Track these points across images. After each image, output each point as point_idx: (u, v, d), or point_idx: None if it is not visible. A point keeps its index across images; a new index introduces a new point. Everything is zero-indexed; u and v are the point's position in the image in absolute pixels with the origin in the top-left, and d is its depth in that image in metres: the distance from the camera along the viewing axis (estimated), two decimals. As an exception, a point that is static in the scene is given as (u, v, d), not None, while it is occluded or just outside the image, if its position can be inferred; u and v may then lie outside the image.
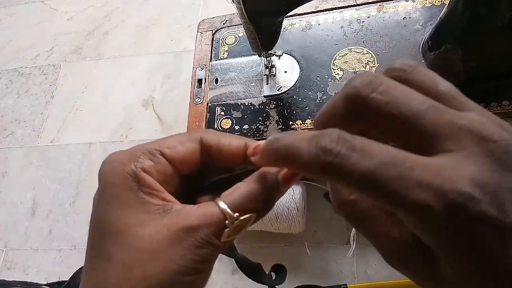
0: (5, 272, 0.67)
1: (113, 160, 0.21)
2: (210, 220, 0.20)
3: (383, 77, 0.17)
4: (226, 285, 0.57)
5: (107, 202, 0.20)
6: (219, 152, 0.23)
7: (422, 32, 0.54)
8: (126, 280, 0.19)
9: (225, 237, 0.20)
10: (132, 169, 0.20)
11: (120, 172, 0.20)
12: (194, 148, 0.22)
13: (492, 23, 0.43)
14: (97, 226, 0.21)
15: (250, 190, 0.21)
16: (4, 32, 0.99)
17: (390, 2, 0.58)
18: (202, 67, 0.61)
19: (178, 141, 0.22)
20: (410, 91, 0.16)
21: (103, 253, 0.20)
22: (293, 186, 0.52)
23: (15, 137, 0.82)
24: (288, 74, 0.57)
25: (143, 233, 0.20)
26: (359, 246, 0.55)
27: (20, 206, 0.73)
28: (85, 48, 0.90)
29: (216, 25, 0.65)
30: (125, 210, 0.20)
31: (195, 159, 0.23)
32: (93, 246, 0.21)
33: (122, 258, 0.19)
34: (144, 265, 0.19)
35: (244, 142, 0.23)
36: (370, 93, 0.16)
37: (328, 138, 0.15)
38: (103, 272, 0.20)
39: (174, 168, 0.22)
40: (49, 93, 0.85)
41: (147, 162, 0.21)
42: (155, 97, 0.78)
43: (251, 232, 0.56)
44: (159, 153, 0.21)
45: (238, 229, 0.20)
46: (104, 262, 0.20)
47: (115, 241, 0.20)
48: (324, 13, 0.60)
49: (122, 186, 0.20)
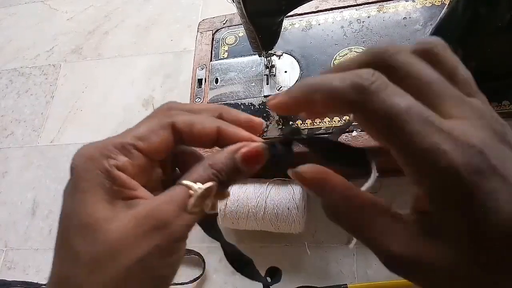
0: (5, 272, 0.67)
1: (85, 154, 0.21)
2: (175, 198, 0.20)
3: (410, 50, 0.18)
4: (226, 285, 0.57)
5: (77, 197, 0.20)
6: (192, 136, 0.23)
7: (422, 32, 0.54)
8: (92, 275, 0.19)
9: (191, 206, 0.20)
10: (104, 167, 0.20)
11: (91, 168, 0.20)
12: (167, 135, 0.22)
13: (492, 23, 0.43)
14: (65, 220, 0.20)
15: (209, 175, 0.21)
16: (4, 32, 0.99)
17: (390, 2, 0.58)
18: (202, 67, 0.61)
19: (150, 130, 0.22)
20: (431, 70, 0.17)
21: (70, 246, 0.20)
22: (293, 186, 0.52)
23: (15, 137, 0.82)
24: (288, 74, 0.57)
25: (111, 228, 0.19)
26: (359, 246, 0.55)
27: (20, 206, 0.73)
28: (85, 48, 0.90)
29: (216, 25, 0.65)
30: (94, 206, 0.20)
31: (169, 145, 0.22)
32: (61, 241, 0.20)
33: (89, 252, 0.19)
34: (112, 258, 0.19)
35: (216, 126, 0.23)
36: (396, 53, 0.17)
37: (364, 71, 0.17)
38: (69, 267, 0.20)
39: (149, 159, 0.22)
40: (49, 93, 0.85)
41: (121, 158, 0.21)
42: (155, 97, 0.78)
43: (251, 232, 0.56)
44: (132, 147, 0.21)
45: (202, 198, 0.21)
46: (71, 257, 0.20)
47: (82, 236, 0.19)
48: (324, 13, 0.60)
49: (93, 182, 0.20)
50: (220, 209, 0.53)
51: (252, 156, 0.22)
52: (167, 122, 0.22)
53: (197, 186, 0.21)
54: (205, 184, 0.21)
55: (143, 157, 0.22)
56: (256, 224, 0.53)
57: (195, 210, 0.21)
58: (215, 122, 0.23)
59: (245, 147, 0.22)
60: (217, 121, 0.23)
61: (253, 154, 0.22)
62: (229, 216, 0.53)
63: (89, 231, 0.19)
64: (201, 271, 0.58)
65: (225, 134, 0.23)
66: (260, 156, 0.22)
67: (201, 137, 0.22)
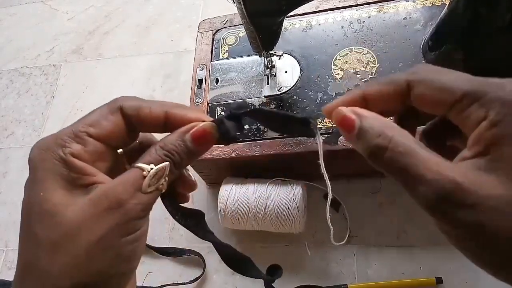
0: (5, 272, 0.67)
1: (40, 146, 0.22)
2: (129, 179, 0.21)
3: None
4: (226, 285, 0.57)
5: (37, 187, 0.21)
6: (140, 121, 0.23)
7: (422, 32, 0.54)
8: (54, 257, 0.20)
9: (145, 187, 0.21)
10: (60, 155, 0.21)
11: (48, 158, 0.21)
12: (118, 119, 0.23)
13: (492, 23, 0.43)
14: (26, 209, 0.21)
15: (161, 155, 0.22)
16: (5, 32, 0.99)
17: (390, 2, 0.58)
18: (202, 67, 0.61)
19: (101, 116, 0.23)
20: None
21: (31, 233, 0.21)
22: (294, 186, 0.52)
23: (15, 137, 0.82)
24: (288, 74, 0.57)
25: (68, 212, 0.20)
26: (359, 246, 0.55)
27: (20, 206, 0.73)
28: (86, 48, 0.90)
29: (216, 25, 0.65)
30: (53, 193, 0.21)
31: (121, 130, 0.23)
32: (23, 229, 0.21)
33: (48, 236, 0.20)
34: (71, 240, 0.20)
35: (164, 110, 0.24)
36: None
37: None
38: (32, 253, 0.20)
39: (104, 144, 0.23)
40: (49, 93, 0.85)
41: (75, 146, 0.21)
42: (156, 97, 0.78)
43: (251, 232, 0.56)
44: (85, 134, 0.22)
45: (156, 178, 0.22)
46: (32, 243, 0.20)
47: (42, 222, 0.20)
48: (325, 13, 0.60)
49: (51, 171, 0.21)
50: (220, 209, 0.53)
51: (201, 135, 0.23)
52: (115, 106, 0.23)
53: (150, 167, 0.22)
54: (158, 166, 0.22)
55: (98, 143, 0.22)
56: (256, 224, 0.53)
57: (149, 189, 0.21)
58: (163, 107, 0.24)
59: (195, 127, 0.23)
60: (165, 106, 0.24)
61: (202, 133, 0.23)
62: (229, 216, 0.53)
63: (48, 216, 0.20)
64: (202, 271, 0.58)
65: (173, 117, 0.24)
66: (209, 135, 0.23)
67: (149, 120, 0.23)
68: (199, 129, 0.23)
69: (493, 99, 0.19)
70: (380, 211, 0.56)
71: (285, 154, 0.50)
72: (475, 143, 0.19)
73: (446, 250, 0.52)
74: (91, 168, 0.22)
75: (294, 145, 0.50)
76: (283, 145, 0.51)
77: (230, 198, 0.53)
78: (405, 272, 0.52)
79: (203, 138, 0.23)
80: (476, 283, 0.49)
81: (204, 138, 0.23)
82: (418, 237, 0.53)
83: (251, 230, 0.55)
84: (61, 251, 0.20)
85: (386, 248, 0.54)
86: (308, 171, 0.57)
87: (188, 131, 0.23)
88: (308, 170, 0.57)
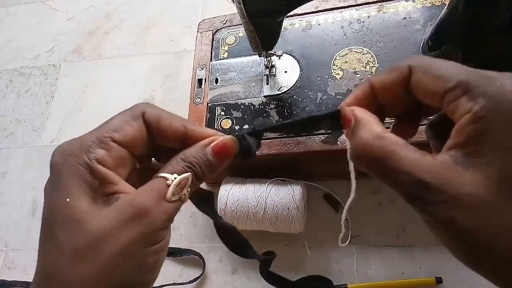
0: (5, 272, 0.67)
1: (65, 151, 0.21)
2: (153, 188, 0.21)
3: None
4: (226, 285, 0.57)
5: (60, 191, 0.21)
6: (159, 131, 0.23)
7: (422, 32, 0.54)
8: (76, 266, 0.19)
9: (170, 195, 0.21)
10: (85, 161, 0.21)
11: (73, 163, 0.21)
12: (140, 126, 0.23)
13: (492, 23, 0.43)
14: (49, 215, 0.21)
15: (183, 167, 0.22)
16: (4, 32, 0.99)
17: (390, 2, 0.58)
18: (202, 67, 0.61)
19: (124, 122, 0.23)
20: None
21: (54, 239, 0.20)
22: (293, 186, 0.52)
23: (15, 137, 0.82)
24: (288, 74, 0.57)
25: (94, 220, 0.20)
26: (359, 246, 0.55)
27: (20, 206, 0.73)
28: (85, 48, 0.90)
29: (216, 25, 0.65)
30: (78, 200, 0.20)
31: (144, 137, 0.23)
32: (45, 235, 0.21)
33: (72, 244, 0.20)
34: (95, 249, 0.19)
35: (184, 125, 0.24)
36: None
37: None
38: (54, 260, 0.20)
39: (127, 150, 0.23)
40: (49, 93, 0.85)
41: (99, 152, 0.21)
42: (155, 97, 0.78)
43: (251, 232, 0.56)
44: (109, 139, 0.22)
45: (179, 187, 0.22)
46: (55, 248, 0.20)
47: (65, 229, 0.20)
48: (324, 13, 0.60)
49: (76, 177, 0.21)
50: (219, 209, 0.53)
51: (222, 148, 0.23)
52: (138, 112, 0.23)
53: (173, 177, 0.22)
54: (181, 176, 0.22)
55: (121, 149, 0.22)
56: (256, 224, 0.53)
57: (173, 198, 0.21)
58: (183, 122, 0.24)
59: (215, 141, 0.23)
60: (185, 121, 0.24)
61: (222, 147, 0.23)
62: (229, 216, 0.53)
63: (72, 223, 0.20)
64: (201, 271, 0.58)
65: (192, 133, 0.24)
66: (230, 149, 0.24)
67: (169, 132, 0.23)
68: (219, 142, 0.23)
69: (481, 92, 0.18)
70: (380, 211, 0.56)
71: (285, 154, 0.50)
72: (457, 134, 0.19)
73: (446, 250, 0.52)
74: (114, 175, 0.21)
75: (294, 145, 0.50)
76: (283, 145, 0.51)
77: (230, 198, 0.53)
78: (405, 272, 0.52)
79: (224, 152, 0.23)
80: (476, 283, 0.49)
81: (224, 152, 0.23)
82: (418, 237, 0.53)
83: (251, 230, 0.55)
84: (84, 259, 0.19)
85: (386, 248, 0.54)
86: (308, 171, 0.57)
87: (209, 144, 0.23)
88: (308, 170, 0.57)
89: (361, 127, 0.22)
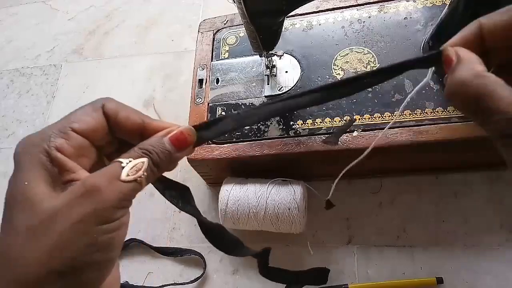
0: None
1: (27, 141, 0.23)
2: (107, 170, 0.22)
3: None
4: (227, 285, 0.57)
5: (21, 178, 0.22)
6: (117, 123, 0.25)
7: (423, 32, 0.54)
8: (29, 243, 0.20)
9: (124, 175, 0.22)
10: (45, 148, 0.22)
11: (33, 151, 0.22)
12: (100, 117, 0.24)
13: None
14: (9, 199, 0.22)
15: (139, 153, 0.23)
16: (5, 32, 0.99)
17: (391, 2, 0.58)
18: (203, 67, 0.61)
19: (84, 113, 0.24)
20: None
21: (10, 221, 0.21)
22: (294, 186, 0.52)
23: (16, 137, 0.82)
24: (289, 74, 0.57)
25: (49, 201, 0.21)
26: (360, 246, 0.55)
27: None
28: (86, 48, 0.90)
29: (217, 25, 0.65)
30: (35, 183, 0.21)
31: (103, 128, 0.24)
32: (4, 217, 0.22)
33: (26, 223, 0.20)
34: (47, 227, 0.20)
35: (141, 118, 0.25)
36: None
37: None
38: (7, 241, 0.21)
39: (88, 140, 0.24)
40: (50, 93, 0.86)
41: (59, 140, 0.22)
42: (156, 97, 0.78)
43: (252, 232, 0.56)
44: (69, 129, 0.23)
45: (135, 169, 0.22)
46: (11, 229, 0.21)
47: (22, 210, 0.21)
48: (325, 13, 0.60)
49: (35, 163, 0.22)
50: (220, 209, 0.53)
51: (178, 137, 0.24)
52: (98, 105, 0.24)
53: (128, 160, 0.22)
54: (137, 160, 0.23)
55: (81, 138, 0.23)
56: (256, 224, 0.53)
57: (127, 179, 0.22)
58: (141, 115, 0.25)
59: (173, 131, 0.25)
60: (144, 115, 0.25)
61: (179, 135, 0.24)
62: (229, 216, 0.53)
63: (28, 204, 0.21)
64: (202, 271, 0.58)
65: (151, 127, 0.25)
66: (187, 137, 0.25)
67: (126, 125, 0.25)
68: (177, 132, 0.24)
69: None
70: (380, 211, 0.56)
71: (286, 154, 0.50)
72: None
73: (447, 250, 0.52)
74: (73, 163, 0.22)
75: (294, 145, 0.50)
76: (284, 145, 0.51)
77: (230, 198, 0.53)
78: (406, 272, 0.52)
79: (181, 140, 0.24)
80: (477, 283, 0.49)
81: (182, 140, 0.24)
82: (419, 237, 0.53)
83: (252, 230, 0.55)
84: (36, 237, 0.20)
85: (386, 248, 0.54)
86: (309, 171, 0.57)
87: (166, 135, 0.24)
88: (309, 170, 0.57)
89: (462, 65, 0.23)
